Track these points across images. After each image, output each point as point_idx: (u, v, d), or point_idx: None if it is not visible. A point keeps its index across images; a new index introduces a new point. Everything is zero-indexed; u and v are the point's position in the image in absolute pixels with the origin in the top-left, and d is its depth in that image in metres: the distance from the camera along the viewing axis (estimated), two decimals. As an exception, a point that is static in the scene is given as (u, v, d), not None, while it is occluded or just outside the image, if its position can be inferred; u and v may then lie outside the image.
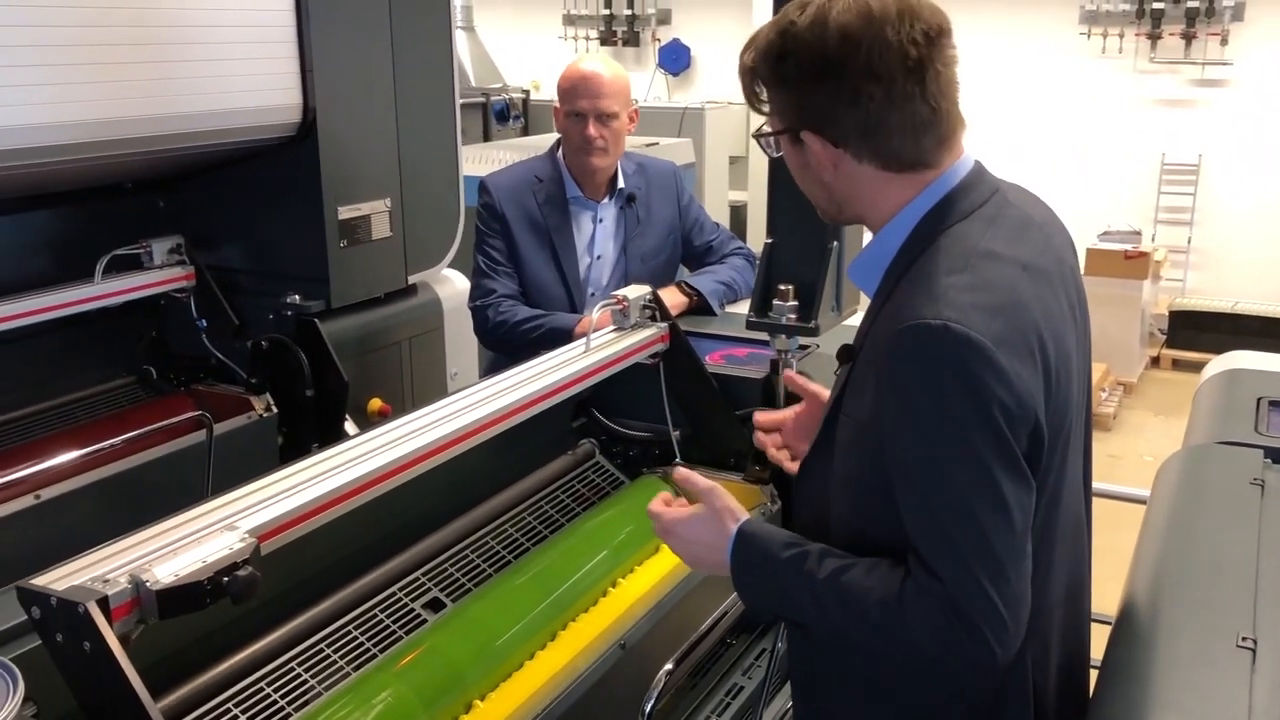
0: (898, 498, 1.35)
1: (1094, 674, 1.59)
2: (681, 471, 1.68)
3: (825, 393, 1.83)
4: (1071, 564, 1.53)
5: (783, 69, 1.42)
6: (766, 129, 1.52)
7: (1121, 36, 8.28)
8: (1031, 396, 1.31)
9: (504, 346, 2.90)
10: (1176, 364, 7.85)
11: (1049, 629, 1.49)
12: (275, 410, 2.99)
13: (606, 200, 3.03)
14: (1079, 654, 1.61)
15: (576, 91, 2.88)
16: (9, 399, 2.94)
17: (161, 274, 3.00)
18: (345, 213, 3.05)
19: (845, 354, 1.53)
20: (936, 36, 1.37)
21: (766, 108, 1.50)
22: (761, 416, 1.89)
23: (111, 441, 2.65)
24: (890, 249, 1.45)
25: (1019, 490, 1.31)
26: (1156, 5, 8.10)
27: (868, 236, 1.54)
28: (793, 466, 1.77)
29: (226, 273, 3.14)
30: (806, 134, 1.43)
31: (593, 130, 2.87)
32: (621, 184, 3.02)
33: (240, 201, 3.13)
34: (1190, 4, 7.99)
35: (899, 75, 1.36)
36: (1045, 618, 1.47)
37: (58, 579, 1.27)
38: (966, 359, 1.28)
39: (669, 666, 1.86)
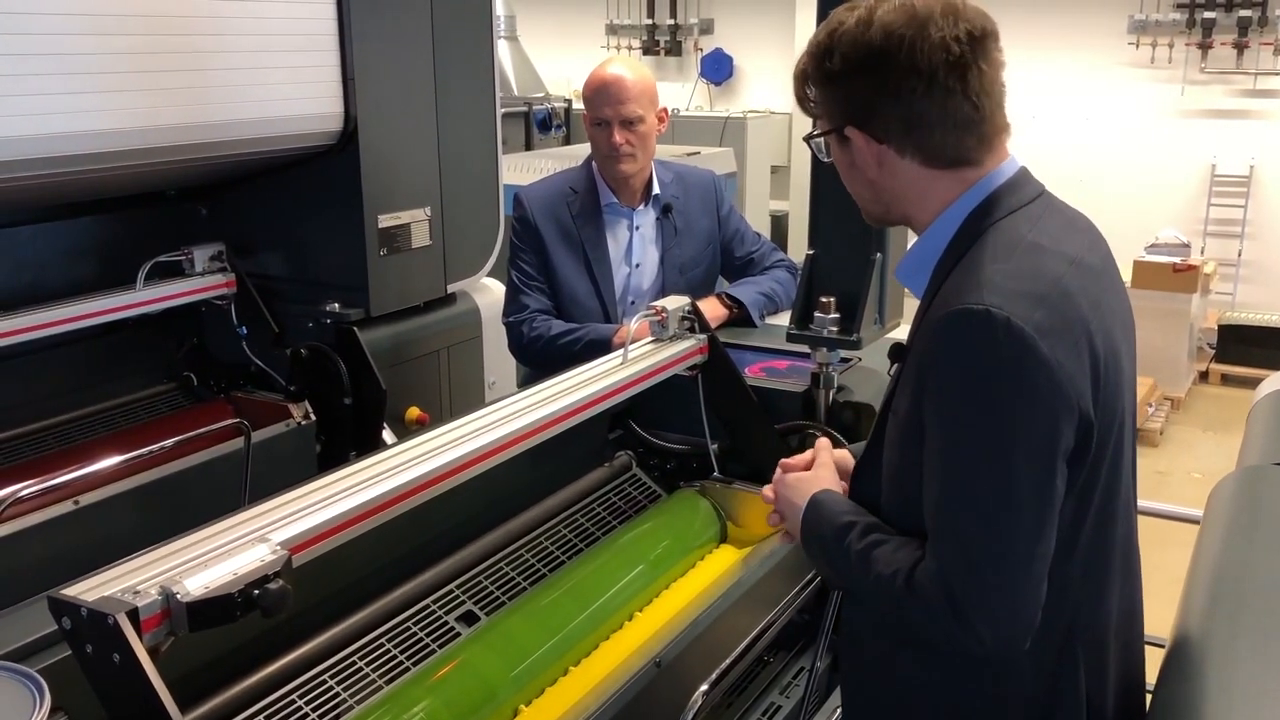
0: (924, 481, 1.35)
1: (1147, 698, 1.54)
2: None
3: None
4: (1125, 582, 1.50)
5: (829, 65, 1.44)
6: (817, 131, 1.54)
7: (1171, 46, 8.16)
8: (1075, 386, 1.30)
9: (540, 362, 2.85)
10: (1225, 379, 7.70)
11: (1105, 645, 1.45)
12: (314, 418, 2.99)
13: (643, 206, 2.98)
14: (1135, 675, 1.57)
15: (599, 99, 2.82)
16: (50, 404, 2.96)
17: (202, 281, 3.02)
18: (385, 221, 3.06)
19: (897, 352, 1.53)
20: (980, 37, 1.39)
21: (817, 110, 1.52)
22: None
23: (151, 448, 2.66)
24: (937, 247, 1.46)
25: (1045, 485, 1.29)
26: (1207, 15, 7.98)
27: (912, 243, 1.53)
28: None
29: (267, 280, 3.15)
30: (850, 130, 1.45)
31: (618, 137, 2.81)
32: (657, 190, 2.98)
33: (281, 209, 3.15)
34: (1242, 13, 7.86)
35: (940, 70, 1.37)
36: (1102, 633, 1.45)
37: (88, 589, 1.27)
38: (1007, 345, 1.27)
39: (705, 686, 1.82)
